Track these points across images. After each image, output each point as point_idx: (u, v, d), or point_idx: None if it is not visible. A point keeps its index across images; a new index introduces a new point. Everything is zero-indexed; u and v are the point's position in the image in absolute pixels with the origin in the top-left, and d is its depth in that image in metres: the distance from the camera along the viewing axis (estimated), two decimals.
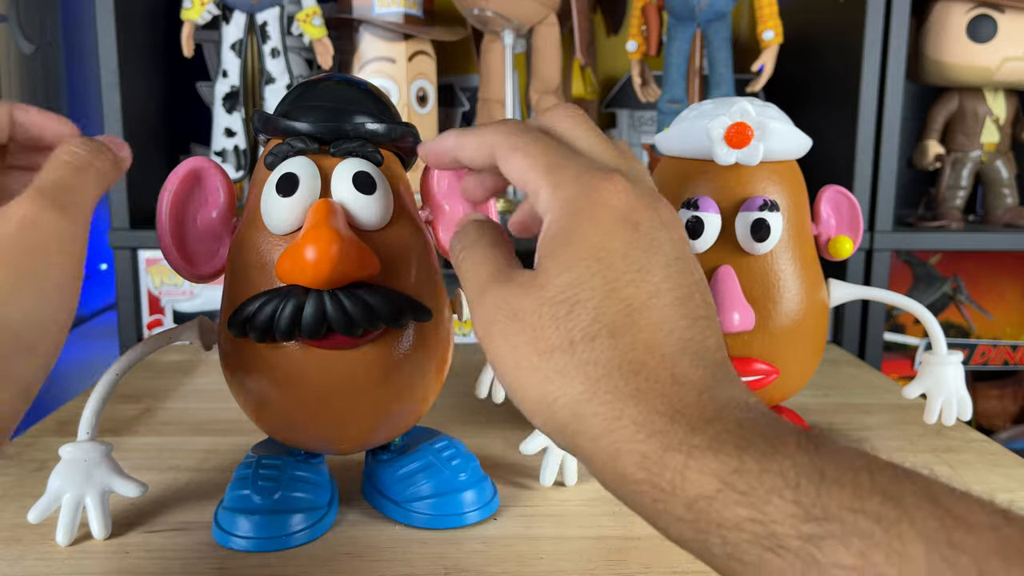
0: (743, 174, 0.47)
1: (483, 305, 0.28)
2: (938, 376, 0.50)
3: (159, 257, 0.87)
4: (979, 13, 0.92)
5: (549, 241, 0.28)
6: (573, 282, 0.27)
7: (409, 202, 0.43)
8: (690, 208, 0.47)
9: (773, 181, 0.47)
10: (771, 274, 0.47)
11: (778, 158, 0.48)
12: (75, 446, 0.42)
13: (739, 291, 0.46)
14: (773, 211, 0.46)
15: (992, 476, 0.50)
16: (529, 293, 0.27)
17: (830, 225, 0.51)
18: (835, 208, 0.51)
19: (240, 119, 0.88)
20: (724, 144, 0.46)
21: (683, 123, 0.49)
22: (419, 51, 0.92)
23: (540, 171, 0.29)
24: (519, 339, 0.27)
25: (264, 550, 0.41)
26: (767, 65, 0.86)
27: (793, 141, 0.48)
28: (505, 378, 0.28)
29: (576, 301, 0.26)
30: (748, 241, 0.46)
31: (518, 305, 0.27)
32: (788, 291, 0.47)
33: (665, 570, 0.39)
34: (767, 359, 0.47)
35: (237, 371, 0.41)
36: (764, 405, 0.26)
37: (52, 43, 1.04)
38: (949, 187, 0.98)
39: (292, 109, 0.41)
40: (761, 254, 0.47)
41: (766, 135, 0.46)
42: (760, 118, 0.46)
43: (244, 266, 0.40)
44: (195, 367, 0.75)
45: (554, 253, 0.27)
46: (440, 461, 0.44)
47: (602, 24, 1.11)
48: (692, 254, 0.29)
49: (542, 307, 0.27)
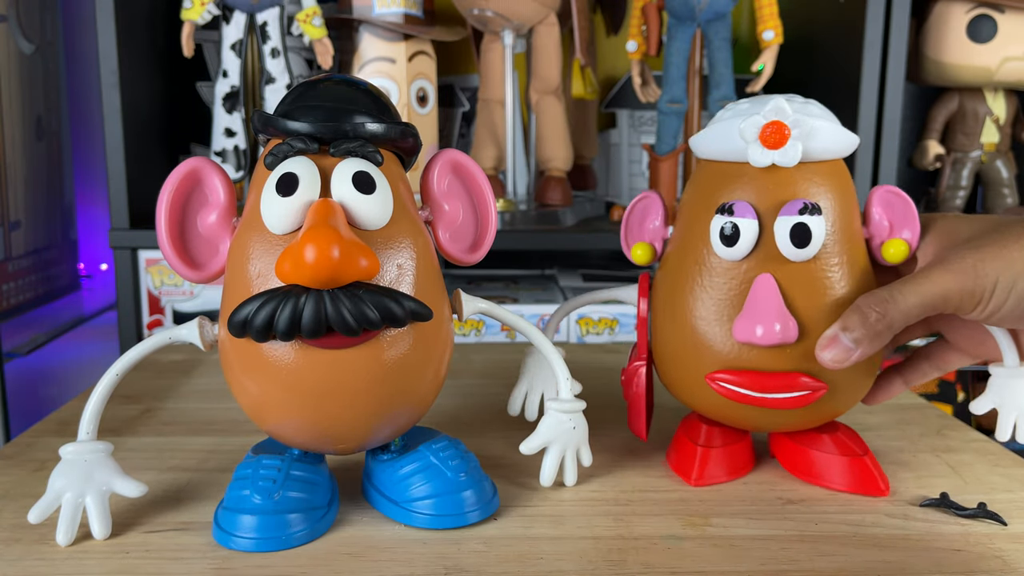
0: (781, 176, 0.44)
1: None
2: (1011, 390, 0.47)
3: (159, 257, 0.87)
4: (979, 13, 0.92)
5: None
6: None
7: (409, 202, 0.43)
8: (725, 213, 0.44)
9: (815, 182, 0.44)
10: (815, 282, 0.44)
11: (821, 157, 0.45)
12: (75, 446, 0.42)
13: (780, 300, 0.43)
14: (814, 214, 0.43)
15: (992, 476, 0.50)
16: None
17: (883, 227, 0.46)
18: (887, 209, 0.47)
19: (240, 119, 0.88)
20: (759, 145, 0.44)
21: (718, 123, 0.46)
22: (419, 51, 0.92)
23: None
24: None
25: (264, 550, 0.41)
26: (767, 65, 0.86)
27: (837, 139, 0.45)
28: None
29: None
30: (788, 247, 0.43)
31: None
32: (835, 299, 0.44)
33: (665, 570, 0.39)
34: (813, 373, 0.44)
35: (237, 371, 0.41)
36: None
37: (52, 43, 1.04)
38: (949, 187, 0.98)
39: (292, 109, 0.41)
40: (803, 261, 0.44)
41: (805, 134, 0.43)
42: (797, 116, 0.43)
43: (244, 266, 0.40)
44: (195, 367, 0.75)
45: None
46: (440, 461, 0.44)
47: (602, 24, 1.11)
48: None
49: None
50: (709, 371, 0.45)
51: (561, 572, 0.39)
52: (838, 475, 0.48)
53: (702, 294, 0.45)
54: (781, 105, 0.43)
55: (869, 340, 0.41)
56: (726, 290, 0.45)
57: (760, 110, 0.44)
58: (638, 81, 0.92)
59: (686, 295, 0.46)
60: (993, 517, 0.44)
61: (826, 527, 0.44)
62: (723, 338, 0.45)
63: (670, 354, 0.48)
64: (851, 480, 0.48)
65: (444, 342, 0.43)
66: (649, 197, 0.51)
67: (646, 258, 0.50)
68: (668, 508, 0.46)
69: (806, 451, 0.49)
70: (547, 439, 0.47)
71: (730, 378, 0.45)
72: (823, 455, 0.48)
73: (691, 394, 0.48)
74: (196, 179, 0.43)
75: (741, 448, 0.50)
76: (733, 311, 0.44)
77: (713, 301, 0.45)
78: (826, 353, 0.42)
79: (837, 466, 0.48)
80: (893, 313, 0.41)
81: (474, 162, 0.46)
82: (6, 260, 0.93)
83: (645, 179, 1.10)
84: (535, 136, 0.95)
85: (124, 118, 0.85)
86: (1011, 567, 0.40)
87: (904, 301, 0.41)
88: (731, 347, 0.45)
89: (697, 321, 0.45)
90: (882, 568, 0.40)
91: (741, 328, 0.44)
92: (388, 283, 0.40)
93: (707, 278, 0.45)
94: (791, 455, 0.50)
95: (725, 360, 0.45)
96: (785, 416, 0.46)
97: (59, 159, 1.07)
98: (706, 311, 0.45)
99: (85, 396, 0.48)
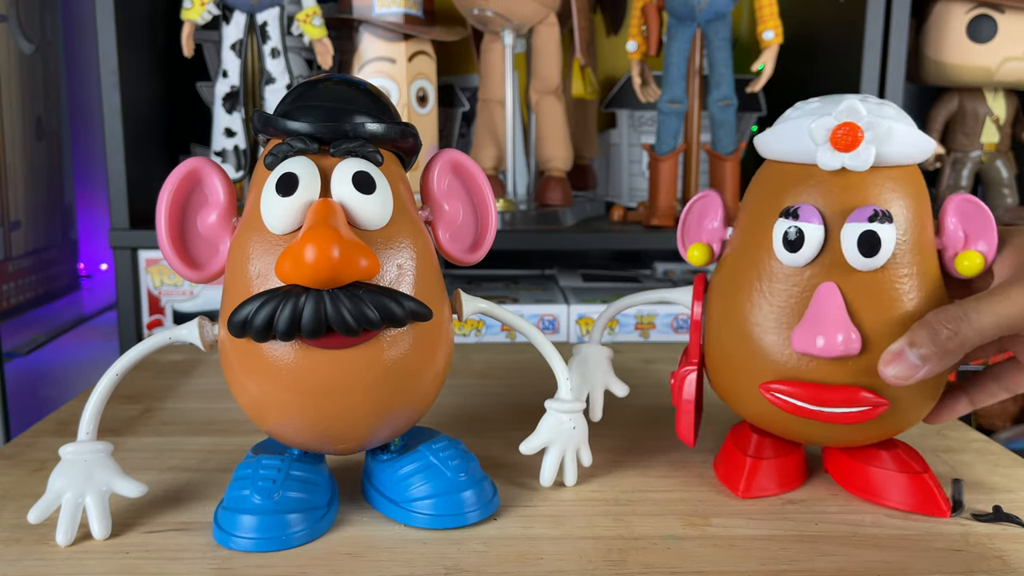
0: (851, 180, 0.42)
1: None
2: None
3: (159, 257, 0.87)
4: (979, 13, 0.92)
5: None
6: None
7: (409, 202, 0.43)
8: (789, 217, 0.42)
9: (887, 188, 0.42)
10: (882, 293, 0.42)
11: (895, 162, 0.42)
12: (75, 446, 0.42)
13: (844, 311, 0.41)
14: (885, 222, 0.41)
15: (992, 476, 0.50)
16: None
17: (957, 238, 0.44)
18: (963, 219, 0.44)
19: (240, 119, 0.88)
20: (829, 147, 0.42)
21: (786, 123, 0.44)
22: (419, 51, 0.92)
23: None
24: None
25: (264, 550, 0.41)
26: (767, 65, 0.86)
27: (913, 143, 0.42)
28: None
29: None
30: (855, 255, 0.41)
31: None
32: (902, 312, 0.42)
33: (665, 570, 0.39)
34: (875, 389, 0.42)
35: (237, 371, 0.41)
36: None
37: (52, 43, 1.04)
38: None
39: (292, 109, 0.41)
40: (870, 270, 0.42)
41: (880, 137, 0.41)
42: (872, 118, 0.41)
43: (244, 266, 0.40)
44: (195, 367, 0.75)
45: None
46: (440, 461, 0.44)
47: (602, 24, 1.11)
48: None
49: None
50: (764, 380, 0.44)
51: (561, 572, 0.39)
52: (897, 493, 0.46)
53: (760, 300, 0.44)
54: (855, 105, 0.41)
55: (938, 358, 0.39)
56: (786, 297, 0.43)
57: (832, 110, 0.42)
58: (638, 81, 0.92)
59: (743, 300, 0.44)
60: (1012, 520, 0.44)
61: (826, 527, 0.44)
62: (781, 347, 0.43)
63: (723, 360, 0.46)
64: (911, 499, 0.45)
65: (444, 342, 0.43)
66: (709, 196, 0.49)
67: (703, 259, 0.49)
68: (668, 508, 0.46)
69: (863, 468, 0.47)
70: (547, 439, 0.47)
71: (786, 389, 0.43)
72: (882, 472, 0.46)
73: (744, 403, 0.47)
74: (196, 179, 0.43)
75: (793, 460, 0.48)
76: (793, 319, 0.43)
77: (772, 308, 0.43)
78: (890, 369, 0.40)
79: (896, 484, 0.46)
80: (966, 331, 0.39)
81: (474, 162, 0.46)
82: (6, 260, 0.93)
83: (645, 179, 1.10)
84: (535, 136, 0.95)
85: (124, 118, 0.85)
86: (1011, 567, 0.40)
87: (979, 320, 0.39)
88: (789, 357, 0.43)
89: (754, 328, 0.44)
90: (882, 568, 0.40)
91: (801, 338, 0.42)
92: (388, 283, 0.40)
93: (767, 283, 0.44)
94: (846, 471, 0.48)
95: (782, 370, 0.43)
96: (842, 431, 0.44)
97: (59, 159, 1.07)
98: (764, 318, 0.44)
99: (85, 396, 0.48)
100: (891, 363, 0.40)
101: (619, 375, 0.54)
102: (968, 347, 0.39)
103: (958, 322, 0.39)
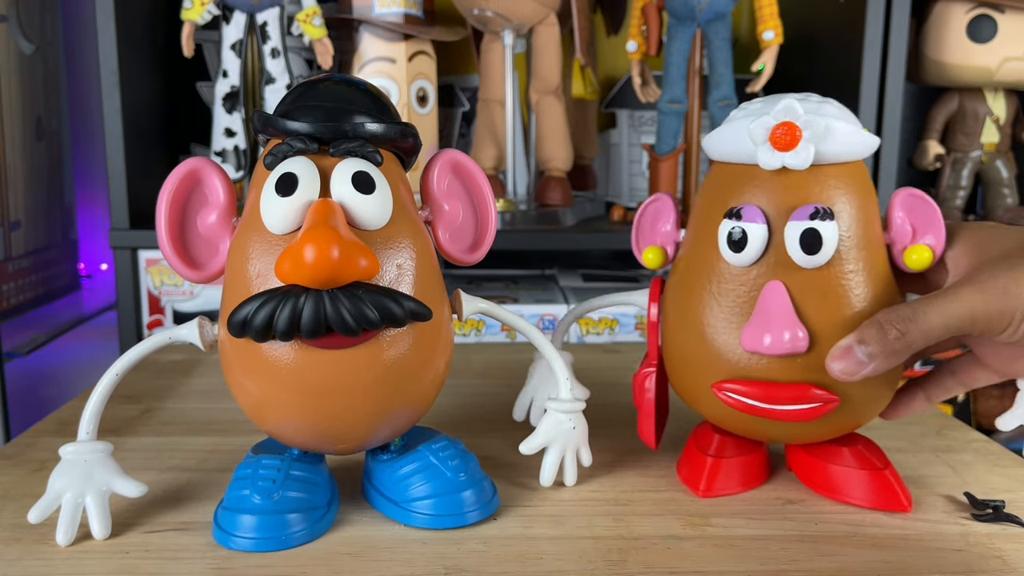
0: (793, 179, 0.43)
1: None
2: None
3: (159, 257, 0.87)
4: (979, 13, 0.92)
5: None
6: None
7: (409, 202, 0.43)
8: (733, 218, 0.43)
9: (830, 186, 0.42)
10: (828, 290, 0.42)
11: (836, 159, 0.43)
12: (75, 446, 0.42)
13: (790, 308, 0.42)
14: (827, 220, 0.41)
15: (992, 476, 0.50)
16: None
17: (905, 232, 0.44)
18: (910, 213, 0.44)
19: (240, 119, 0.88)
20: (769, 146, 0.42)
21: (730, 124, 0.45)
22: (419, 51, 0.92)
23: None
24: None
25: (264, 550, 0.41)
26: (767, 65, 0.86)
27: (854, 141, 0.43)
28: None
29: None
30: (798, 253, 0.42)
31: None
32: (849, 308, 0.42)
33: (665, 570, 0.39)
34: (825, 385, 0.42)
35: (237, 371, 0.41)
36: None
37: (52, 43, 1.04)
38: (949, 187, 0.98)
39: (292, 109, 0.41)
40: (815, 267, 0.42)
41: (818, 135, 0.41)
42: (810, 116, 0.41)
43: (243, 266, 0.40)
44: (195, 367, 0.75)
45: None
46: (440, 461, 0.44)
47: (602, 24, 1.11)
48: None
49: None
50: (717, 380, 0.44)
51: (561, 572, 0.39)
52: (857, 490, 0.46)
53: (711, 301, 0.44)
54: (792, 105, 0.42)
55: (884, 357, 0.40)
56: (735, 297, 0.44)
57: (770, 110, 0.42)
58: (638, 81, 0.92)
59: (696, 301, 0.45)
60: (1012, 520, 0.44)
61: (826, 527, 0.44)
62: (732, 346, 0.43)
63: (680, 361, 0.47)
64: (871, 495, 0.46)
65: (444, 342, 0.43)
66: (661, 199, 0.50)
67: (657, 262, 0.49)
68: (668, 508, 0.46)
69: (823, 464, 0.47)
70: (547, 439, 0.47)
71: (738, 388, 0.44)
72: (841, 469, 0.47)
73: (701, 403, 0.47)
74: (196, 179, 0.43)
75: (754, 459, 0.48)
76: (742, 319, 0.43)
77: (722, 308, 0.44)
78: (836, 364, 0.41)
79: (856, 480, 0.46)
80: (914, 333, 0.39)
81: (474, 162, 0.46)
82: (6, 260, 0.93)
83: (645, 179, 1.10)
84: (535, 136, 0.95)
85: (124, 118, 0.85)
86: (1011, 567, 0.40)
87: (926, 321, 0.39)
88: (739, 356, 0.43)
89: (706, 328, 0.44)
90: (882, 568, 0.40)
91: (749, 337, 0.42)
92: (388, 283, 0.40)
93: (717, 284, 0.44)
94: (808, 468, 0.48)
95: (733, 369, 0.44)
96: (796, 428, 0.45)
97: (59, 159, 1.07)
98: (715, 318, 0.44)
99: (85, 396, 0.48)
100: (838, 359, 0.41)
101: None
102: (915, 348, 0.40)
103: (906, 323, 0.39)
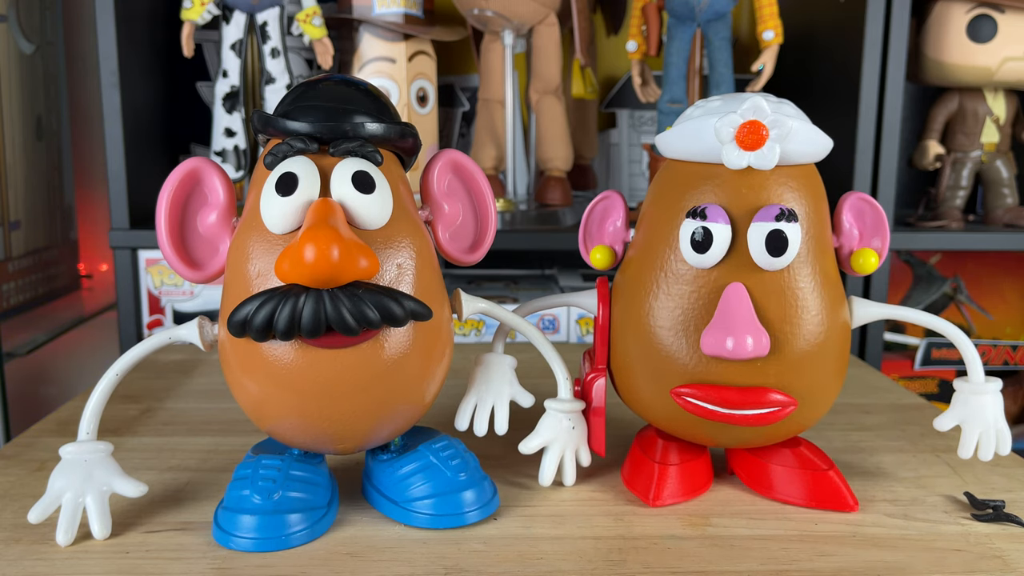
0: (756, 179, 0.42)
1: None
2: (974, 406, 0.45)
3: (159, 257, 0.87)
4: (979, 13, 0.92)
5: None
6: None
7: (409, 202, 0.43)
8: (696, 218, 0.42)
9: (790, 187, 0.42)
10: (788, 292, 0.42)
11: (796, 161, 0.42)
12: (75, 446, 0.42)
13: (752, 312, 0.41)
14: (791, 221, 0.41)
15: (992, 476, 0.50)
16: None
17: (852, 236, 0.45)
18: (858, 217, 0.45)
19: (240, 119, 0.88)
20: (735, 145, 0.41)
21: (688, 121, 0.44)
22: (419, 51, 0.92)
23: None
24: None
25: (264, 550, 0.41)
26: (767, 65, 0.86)
27: (813, 142, 0.42)
28: None
29: None
30: (763, 255, 0.41)
31: None
32: (807, 312, 0.42)
33: (665, 570, 0.39)
34: (784, 388, 0.42)
35: (237, 371, 0.41)
36: None
37: (52, 43, 1.04)
38: (949, 187, 0.98)
39: (292, 109, 0.41)
40: (777, 270, 0.42)
41: (783, 135, 0.41)
42: (776, 116, 0.41)
43: (243, 266, 0.40)
44: (195, 367, 0.75)
45: None
46: (440, 461, 0.44)
47: (602, 24, 1.11)
48: None
49: None
50: (673, 385, 0.43)
51: (561, 572, 0.39)
52: (801, 491, 0.46)
53: (667, 302, 0.43)
54: (759, 104, 0.41)
55: None
56: (693, 299, 0.43)
57: (737, 108, 0.41)
58: (638, 81, 0.92)
59: (648, 303, 0.44)
60: (1012, 520, 0.44)
61: (826, 527, 0.44)
62: (688, 350, 0.42)
63: (629, 365, 0.46)
64: (816, 496, 0.45)
65: (444, 342, 0.43)
66: (610, 197, 0.48)
67: (605, 262, 0.48)
68: (668, 508, 0.46)
69: (766, 465, 0.47)
70: (546, 439, 0.47)
71: (697, 392, 0.43)
72: (785, 470, 0.46)
73: (651, 408, 0.46)
74: (196, 179, 0.43)
75: (700, 465, 0.48)
76: (700, 322, 0.42)
77: (679, 310, 0.43)
78: None
79: (800, 481, 0.46)
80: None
81: (474, 162, 0.46)
82: (6, 260, 0.93)
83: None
84: (535, 136, 0.95)
85: (124, 118, 0.85)
86: (1011, 567, 0.40)
87: None
88: (698, 360, 0.42)
89: (659, 331, 0.43)
90: (882, 568, 0.40)
91: (710, 340, 0.41)
92: (388, 283, 0.40)
93: (672, 286, 0.43)
94: (751, 470, 0.48)
95: (691, 374, 0.43)
96: (750, 432, 0.44)
97: (59, 159, 1.07)
98: (669, 321, 0.43)
99: (85, 396, 0.48)
100: None
101: None
102: None
103: None
